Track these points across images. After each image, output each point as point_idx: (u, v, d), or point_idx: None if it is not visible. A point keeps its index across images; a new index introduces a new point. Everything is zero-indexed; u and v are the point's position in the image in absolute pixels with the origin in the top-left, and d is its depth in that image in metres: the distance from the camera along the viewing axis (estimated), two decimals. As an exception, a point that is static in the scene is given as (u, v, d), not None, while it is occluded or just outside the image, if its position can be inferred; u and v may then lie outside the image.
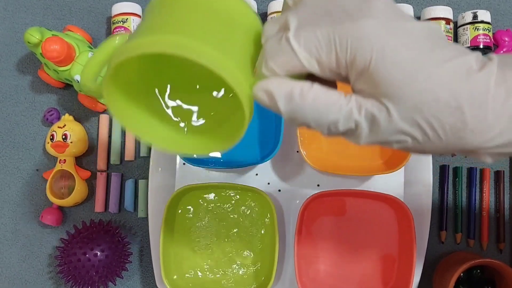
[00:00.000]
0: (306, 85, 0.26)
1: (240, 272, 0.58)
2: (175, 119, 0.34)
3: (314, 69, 0.26)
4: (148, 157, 0.62)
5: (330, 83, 0.28)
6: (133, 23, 0.61)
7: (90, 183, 0.63)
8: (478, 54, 0.26)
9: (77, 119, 0.64)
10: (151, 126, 0.33)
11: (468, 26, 0.61)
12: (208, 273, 0.58)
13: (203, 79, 0.34)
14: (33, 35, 0.56)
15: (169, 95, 0.34)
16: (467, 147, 0.26)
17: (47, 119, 0.63)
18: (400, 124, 0.25)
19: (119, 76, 0.29)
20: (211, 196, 0.59)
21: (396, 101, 0.25)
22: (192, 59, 0.26)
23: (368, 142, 0.27)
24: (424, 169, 0.58)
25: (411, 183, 0.58)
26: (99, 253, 0.55)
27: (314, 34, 0.25)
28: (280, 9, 0.60)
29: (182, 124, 0.35)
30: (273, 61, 0.27)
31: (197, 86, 0.35)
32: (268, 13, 0.62)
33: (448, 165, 0.61)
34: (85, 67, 0.33)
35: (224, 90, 0.34)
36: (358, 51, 0.25)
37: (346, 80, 0.27)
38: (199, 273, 0.58)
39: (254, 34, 0.29)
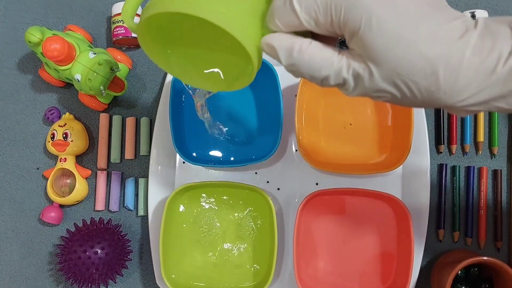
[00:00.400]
0: (305, 42, 0.30)
1: (240, 270, 0.59)
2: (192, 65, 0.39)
3: (313, 28, 0.30)
4: (148, 155, 0.62)
5: (331, 38, 0.32)
6: (133, 22, 0.62)
7: (91, 181, 0.63)
8: (465, 19, 0.29)
9: (78, 118, 0.64)
10: (175, 64, 0.38)
11: (466, 25, 0.61)
12: (207, 271, 0.59)
13: (218, 36, 0.36)
14: (34, 34, 0.56)
15: (188, 47, 0.38)
16: (442, 105, 0.30)
17: (48, 118, 0.63)
18: (381, 84, 0.29)
19: (151, 22, 0.33)
20: (211, 194, 0.60)
21: (378, 64, 0.29)
22: (198, 15, 0.29)
23: (355, 95, 0.32)
24: (422, 167, 0.58)
25: (409, 181, 0.59)
26: (99, 251, 0.56)
27: (314, 0, 0.29)
28: None
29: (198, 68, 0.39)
30: (278, 19, 0.31)
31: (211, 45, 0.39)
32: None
33: (446, 164, 0.61)
34: (124, 6, 0.37)
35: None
36: (350, 18, 0.28)
37: (343, 37, 0.31)
38: (199, 271, 0.59)
39: None
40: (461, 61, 0.27)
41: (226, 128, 0.60)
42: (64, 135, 0.61)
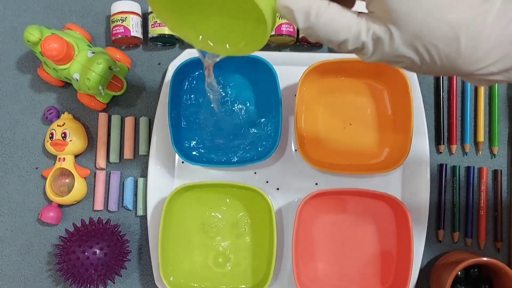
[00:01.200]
0: (323, 4, 0.29)
1: (238, 271, 0.58)
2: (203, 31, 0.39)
3: None
4: (147, 155, 0.62)
5: (349, 1, 0.31)
6: (132, 21, 0.62)
7: (89, 181, 0.63)
8: None
9: (77, 117, 0.64)
10: (186, 29, 0.38)
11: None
12: (206, 271, 0.59)
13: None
14: (33, 33, 0.56)
15: (199, 12, 0.38)
16: (461, 73, 0.29)
17: (47, 117, 0.63)
18: (401, 48, 0.28)
19: None
20: (210, 194, 0.59)
21: (400, 28, 0.28)
22: None
23: (372, 60, 0.30)
24: (421, 168, 0.58)
25: (408, 182, 0.59)
26: (98, 251, 0.55)
27: None
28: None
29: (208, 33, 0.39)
30: None
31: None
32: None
33: (446, 164, 0.61)
34: None
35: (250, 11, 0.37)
36: None
37: None
38: (197, 272, 0.59)
39: None
40: (483, 27, 0.27)
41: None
42: (63, 135, 0.60)
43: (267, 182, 0.60)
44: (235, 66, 0.60)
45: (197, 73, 0.61)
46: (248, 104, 0.61)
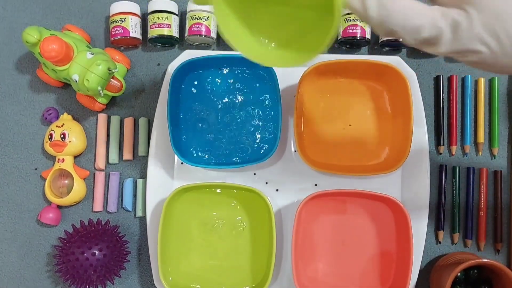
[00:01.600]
0: None
1: (238, 272, 0.58)
2: (263, 37, 0.39)
3: None
4: (146, 156, 0.62)
5: None
6: (131, 22, 0.61)
7: (89, 182, 0.63)
8: None
9: (76, 118, 0.64)
10: (245, 38, 0.39)
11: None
12: (205, 272, 0.59)
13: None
14: (32, 34, 0.56)
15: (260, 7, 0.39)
16: None
17: (46, 118, 0.63)
18: (481, 32, 0.27)
19: None
20: (209, 195, 0.59)
21: (479, 8, 0.26)
22: None
23: (448, 49, 0.29)
24: (421, 169, 0.58)
25: (408, 183, 0.59)
26: (97, 252, 0.55)
27: None
28: None
29: (266, 40, 0.39)
30: None
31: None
32: None
33: (446, 165, 0.61)
34: None
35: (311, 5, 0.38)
36: None
37: None
38: (197, 272, 0.59)
39: None
40: None
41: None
42: (62, 136, 0.60)
43: (266, 183, 0.60)
44: (234, 67, 0.60)
45: (196, 73, 0.61)
46: (247, 105, 0.61)
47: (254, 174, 0.60)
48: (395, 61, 0.60)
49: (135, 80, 0.65)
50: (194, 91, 0.61)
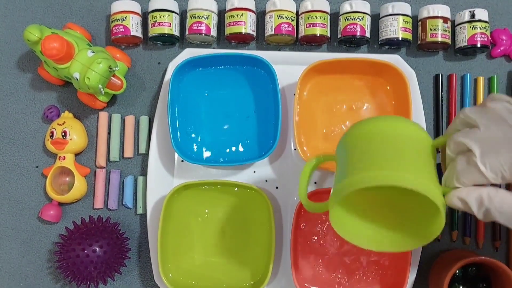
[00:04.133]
0: (491, 190, 0.36)
1: (237, 269, 0.59)
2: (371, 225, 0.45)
3: (498, 182, 0.36)
4: (147, 154, 0.62)
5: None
6: (132, 21, 0.62)
7: (89, 179, 0.63)
8: None
9: (77, 116, 0.64)
10: (358, 230, 0.45)
11: (466, 25, 0.61)
12: (205, 269, 0.59)
13: (396, 196, 0.46)
14: (33, 33, 0.56)
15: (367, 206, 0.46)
16: None
17: (47, 116, 0.64)
18: None
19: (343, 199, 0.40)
20: (209, 193, 0.60)
21: None
22: (407, 187, 0.36)
23: None
24: (420, 167, 0.58)
25: (407, 181, 0.59)
26: (97, 249, 0.56)
27: (498, 161, 0.35)
28: (277, 8, 0.61)
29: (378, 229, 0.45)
30: (464, 178, 0.37)
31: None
32: (266, 11, 0.62)
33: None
34: (299, 189, 0.47)
35: (414, 201, 0.44)
36: None
37: None
38: (197, 269, 0.59)
39: (424, 148, 0.40)
40: None
41: None
42: (63, 134, 0.61)
43: (266, 181, 0.61)
44: (234, 66, 0.60)
45: (196, 72, 0.61)
46: (247, 103, 0.61)
47: (254, 172, 0.61)
48: (394, 59, 0.60)
49: (136, 78, 0.65)
50: (195, 89, 0.61)
